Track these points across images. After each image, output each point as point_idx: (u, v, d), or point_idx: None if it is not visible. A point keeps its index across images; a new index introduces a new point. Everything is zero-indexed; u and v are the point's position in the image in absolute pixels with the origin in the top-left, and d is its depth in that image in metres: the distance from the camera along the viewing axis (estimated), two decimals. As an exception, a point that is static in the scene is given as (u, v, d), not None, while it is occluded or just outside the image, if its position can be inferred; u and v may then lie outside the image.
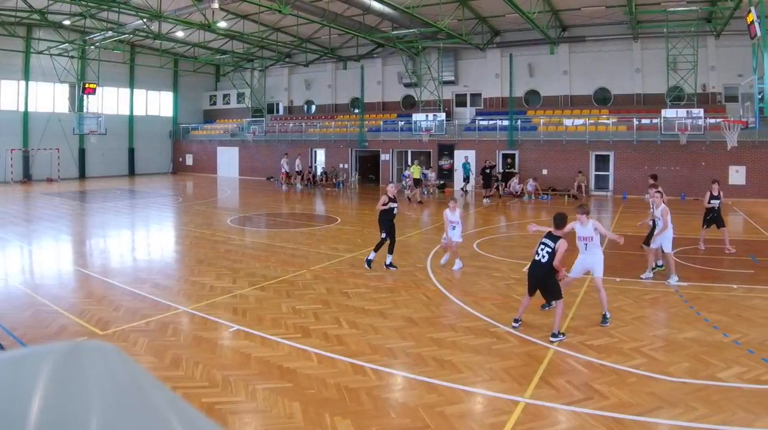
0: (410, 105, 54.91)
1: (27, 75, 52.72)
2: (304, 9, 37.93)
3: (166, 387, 1.07)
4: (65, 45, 50.50)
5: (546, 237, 11.90)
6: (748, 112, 27.63)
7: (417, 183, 38.97)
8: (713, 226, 20.65)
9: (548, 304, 12.69)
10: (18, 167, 52.81)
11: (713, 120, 38.26)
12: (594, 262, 12.65)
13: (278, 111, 65.14)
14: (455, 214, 18.20)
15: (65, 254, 20.94)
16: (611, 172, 42.70)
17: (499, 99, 51.08)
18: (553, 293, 11.68)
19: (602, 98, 47.75)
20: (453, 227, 18.06)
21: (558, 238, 11.65)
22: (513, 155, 45.91)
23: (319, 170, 54.44)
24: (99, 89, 54.52)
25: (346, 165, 53.90)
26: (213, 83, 70.86)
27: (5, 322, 12.10)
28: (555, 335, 11.42)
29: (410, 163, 47.22)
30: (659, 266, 17.07)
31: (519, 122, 46.18)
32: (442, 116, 46.90)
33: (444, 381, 9.47)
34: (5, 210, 32.16)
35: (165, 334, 11.67)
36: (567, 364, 10.32)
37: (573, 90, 48.59)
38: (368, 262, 17.87)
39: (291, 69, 63.68)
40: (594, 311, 13.10)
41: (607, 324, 12.25)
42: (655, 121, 40.75)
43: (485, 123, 48.13)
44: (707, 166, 38.75)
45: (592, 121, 44.09)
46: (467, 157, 44.32)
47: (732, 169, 38.32)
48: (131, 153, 62.90)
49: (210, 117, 69.40)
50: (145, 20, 40.96)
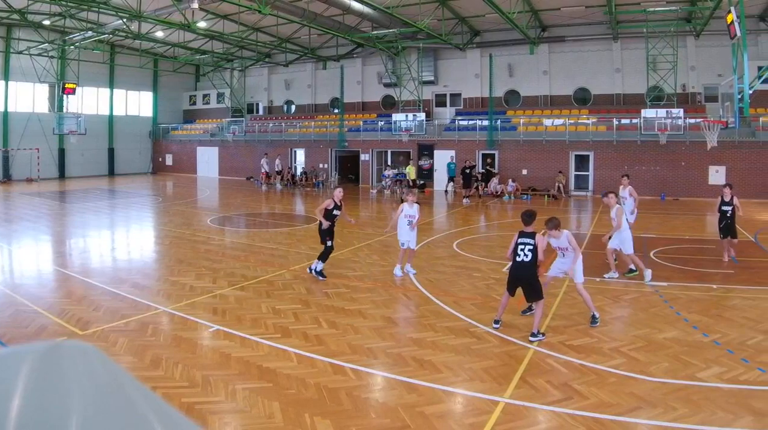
0: (390, 105, 55.07)
1: (6, 75, 52.38)
2: (284, 9, 37.88)
3: (146, 387, 1.07)
4: (45, 45, 50.32)
5: (521, 237, 11.83)
6: (728, 112, 27.73)
7: (413, 184, 38.36)
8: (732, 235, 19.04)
9: (529, 309, 12.73)
10: (-3, 167, 52.54)
11: (693, 120, 38.51)
12: (573, 267, 12.59)
13: (258, 111, 65.03)
14: (413, 208, 17.10)
15: (45, 254, 20.81)
16: (591, 172, 42.83)
17: (479, 99, 51.22)
18: (537, 293, 11.65)
19: (582, 98, 47.96)
20: (409, 223, 16.95)
21: (534, 233, 11.68)
22: (493, 155, 45.91)
23: (299, 170, 54.36)
24: (79, 89, 54.33)
25: (326, 165, 53.88)
26: (193, 83, 70.67)
27: (-17, 323, 12.05)
28: (534, 335, 11.42)
29: (391, 164, 47.32)
30: (633, 271, 17.03)
31: (499, 122, 46.22)
32: (422, 116, 47.06)
33: (424, 381, 9.47)
34: (-17, 210, 31.94)
35: (145, 334, 11.62)
36: (547, 364, 10.33)
37: (553, 90, 48.77)
38: (319, 272, 16.53)
39: (271, 69, 63.64)
40: (574, 311, 13.15)
41: (597, 324, 12.27)
42: (635, 121, 40.93)
43: (465, 123, 48.24)
44: (687, 166, 39.00)
45: (572, 121, 44.28)
46: (452, 157, 44.44)
47: (712, 169, 38.53)
48: (111, 153, 62.64)
49: (190, 117, 69.20)
50: (125, 20, 40.78)
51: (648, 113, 39.75)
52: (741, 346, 11.12)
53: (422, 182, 45.14)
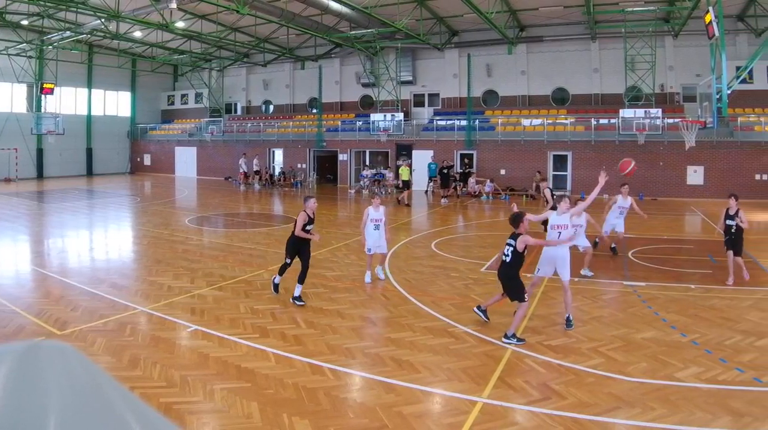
0: (368, 105, 55.01)
1: (-15, 75, 52.10)
2: (262, 9, 37.82)
3: (124, 387, 1.07)
4: (23, 45, 49.95)
5: (509, 238, 11.98)
6: (706, 112, 27.87)
7: (406, 185, 37.49)
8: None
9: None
10: (-24, 167, 52.25)
11: (671, 120, 38.76)
12: (563, 255, 12.54)
13: (236, 111, 64.85)
14: (379, 211, 16.49)
15: (23, 254, 20.71)
16: (569, 172, 42.94)
17: (457, 99, 51.32)
18: (514, 294, 11.69)
19: (560, 98, 48.13)
20: (376, 227, 16.34)
21: (517, 235, 11.76)
22: (471, 155, 46.01)
23: (277, 170, 54.20)
24: (57, 89, 54.30)
25: (304, 165, 53.76)
26: (171, 83, 70.29)
27: (-41, 323, 11.99)
28: (507, 337, 11.41)
29: (369, 164, 47.27)
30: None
31: (477, 122, 46.26)
32: (400, 116, 47.04)
33: (402, 381, 9.49)
34: (-40, 210, 31.76)
35: (123, 334, 11.58)
36: (525, 364, 10.37)
37: (531, 90, 48.90)
38: (275, 286, 14.88)
39: (249, 69, 63.47)
40: (552, 311, 13.19)
41: (572, 327, 12.23)
42: (613, 121, 41.15)
43: (443, 123, 48.29)
44: (665, 166, 39.17)
45: (550, 121, 44.38)
46: (433, 156, 44.50)
47: (690, 169, 38.75)
48: (89, 153, 62.30)
49: (168, 117, 68.91)
50: (103, 20, 40.52)
51: (626, 113, 39.94)
52: (719, 346, 11.19)
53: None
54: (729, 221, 16.52)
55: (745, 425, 8.06)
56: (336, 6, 38.46)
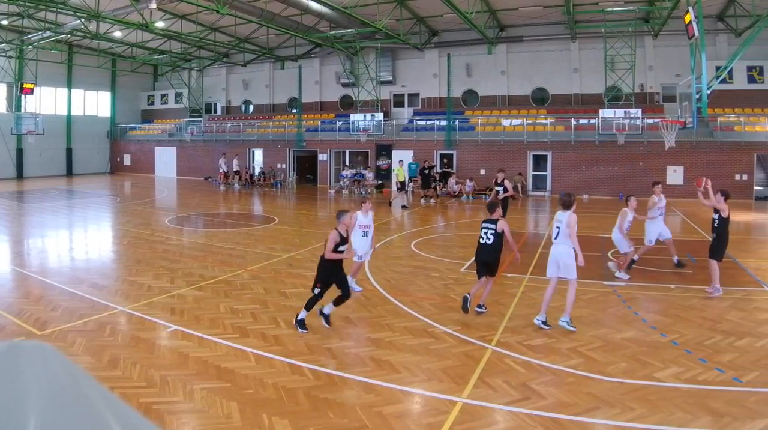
0: (348, 105, 54.99)
1: (-36, 75, 51.79)
2: (242, 9, 37.79)
3: (104, 387, 1.07)
4: (3, 45, 49.68)
5: (484, 222, 12.67)
6: (686, 112, 27.95)
7: (402, 186, 36.97)
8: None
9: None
10: (-45, 167, 51.91)
11: (651, 120, 38.95)
12: (564, 253, 12.34)
13: (216, 111, 64.69)
14: (368, 216, 15.30)
15: (2, 254, 20.49)
16: (549, 172, 43.09)
17: (437, 99, 51.45)
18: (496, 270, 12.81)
19: (540, 98, 48.31)
20: (364, 233, 15.18)
21: (497, 220, 11.99)
22: (451, 155, 46.09)
23: (257, 170, 54.06)
24: (37, 89, 54.00)
25: (284, 165, 53.71)
26: (151, 83, 70.00)
27: (-63, 325, 11.94)
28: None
29: (349, 164, 47.18)
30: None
31: (457, 122, 46.35)
32: (380, 116, 47.14)
33: (382, 381, 9.50)
34: (-63, 211, 31.56)
35: (103, 334, 11.54)
36: (505, 364, 10.37)
37: (511, 90, 49.05)
38: (299, 322, 12.03)
39: (229, 69, 63.36)
40: (532, 311, 13.08)
41: (574, 329, 12.11)
42: (593, 121, 41.32)
43: (423, 123, 48.38)
44: (645, 166, 39.32)
45: (530, 121, 44.52)
46: (414, 156, 44.58)
47: (670, 169, 38.93)
48: (69, 153, 62.02)
49: (148, 117, 68.65)
50: (83, 20, 40.40)
51: (606, 113, 40.13)
52: (699, 346, 11.22)
53: (380, 182, 45.13)
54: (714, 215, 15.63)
55: (725, 425, 8.08)
56: (316, 6, 38.48)
